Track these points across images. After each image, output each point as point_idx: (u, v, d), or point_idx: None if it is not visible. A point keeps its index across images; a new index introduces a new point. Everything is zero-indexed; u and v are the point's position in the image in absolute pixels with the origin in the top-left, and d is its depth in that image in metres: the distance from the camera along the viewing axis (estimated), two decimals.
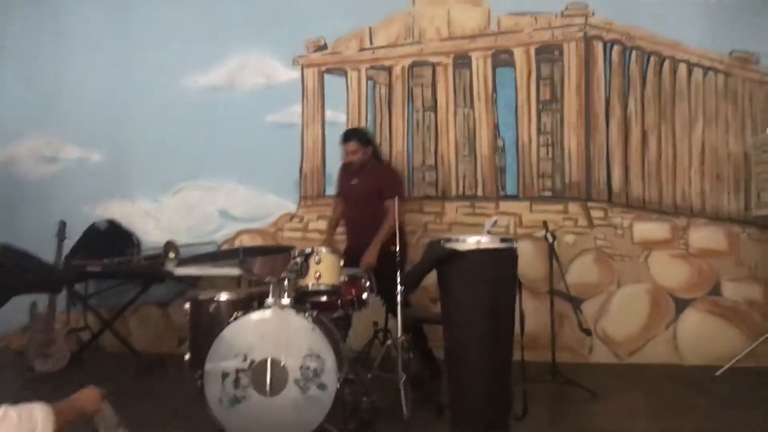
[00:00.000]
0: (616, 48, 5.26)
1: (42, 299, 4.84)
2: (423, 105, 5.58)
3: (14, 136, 6.10)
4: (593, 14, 5.27)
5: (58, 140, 6.02)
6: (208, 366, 2.84)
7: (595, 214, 5.24)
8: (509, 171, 5.41)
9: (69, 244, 5.26)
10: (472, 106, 5.49)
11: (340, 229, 4.79)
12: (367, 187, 4.46)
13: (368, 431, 3.00)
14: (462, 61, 5.50)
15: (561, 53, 5.33)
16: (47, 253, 4.99)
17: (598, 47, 5.28)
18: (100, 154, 5.96)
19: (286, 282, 3.06)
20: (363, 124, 5.60)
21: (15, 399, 1.73)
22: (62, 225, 4.97)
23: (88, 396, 1.91)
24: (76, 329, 5.11)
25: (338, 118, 5.66)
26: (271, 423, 2.79)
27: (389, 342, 3.54)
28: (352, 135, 4.60)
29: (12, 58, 6.16)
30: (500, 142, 5.44)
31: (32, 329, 4.61)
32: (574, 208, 5.27)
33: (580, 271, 5.20)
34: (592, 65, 5.28)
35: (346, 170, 4.70)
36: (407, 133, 5.59)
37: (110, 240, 5.62)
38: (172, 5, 5.88)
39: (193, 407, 3.40)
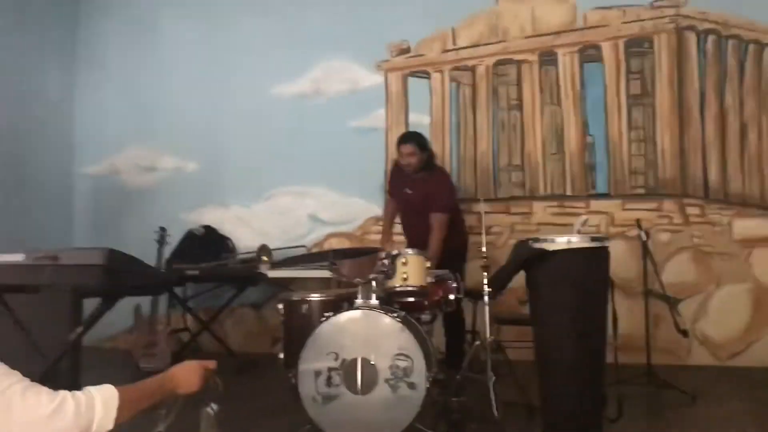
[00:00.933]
0: (711, 38, 5.05)
1: (144, 302, 5.10)
2: (508, 104, 5.54)
3: (116, 148, 6.48)
4: (686, 3, 5.09)
5: (156, 151, 6.35)
6: (302, 365, 2.92)
7: (691, 211, 5.04)
8: (599, 168, 5.29)
9: (168, 249, 5.52)
10: (559, 104, 5.40)
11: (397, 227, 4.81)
12: (419, 197, 4.42)
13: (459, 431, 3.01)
14: (548, 58, 5.43)
15: (651, 46, 5.17)
16: (148, 258, 5.24)
17: (691, 38, 5.09)
18: (195, 163, 6.24)
19: (374, 283, 3.11)
20: (447, 125, 5.61)
21: None
22: (162, 231, 5.22)
23: (185, 373, 1.70)
24: (177, 330, 5.35)
25: (422, 120, 5.70)
26: (363, 421, 2.84)
27: (477, 343, 3.53)
28: (411, 137, 4.53)
29: (113, 76, 6.54)
30: (589, 140, 5.33)
31: (137, 330, 4.87)
32: (668, 205, 5.09)
33: (677, 271, 5.01)
34: (685, 57, 5.10)
35: (400, 174, 4.64)
36: (492, 133, 5.56)
37: (206, 245, 5.85)
38: (257, 19, 6.10)
39: (288, 405, 3.51)
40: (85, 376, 3.35)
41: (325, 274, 5.02)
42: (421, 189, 4.40)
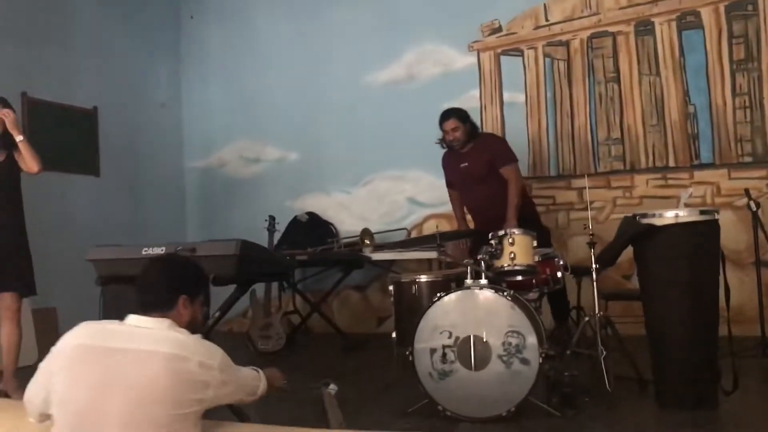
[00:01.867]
0: None
1: (258, 287, 5.40)
2: (605, 76, 5.47)
3: (223, 143, 6.84)
4: None
5: (260, 143, 6.66)
6: (417, 343, 3.06)
7: None
8: (703, 138, 5.16)
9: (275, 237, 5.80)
10: (658, 74, 5.29)
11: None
12: (478, 164, 4.43)
13: (572, 405, 3.08)
14: (644, 27, 5.32)
15: (755, 7, 4.98)
16: None
17: None
18: (296, 153, 6.51)
19: (482, 263, 3.21)
20: (543, 101, 5.61)
21: None
22: (272, 219, 5.49)
23: (274, 375, 2.18)
24: (288, 312, 5.63)
25: (516, 98, 5.72)
26: (478, 395, 2.96)
27: (587, 319, 3.57)
28: (451, 113, 4.55)
29: (216, 75, 6.90)
30: (691, 108, 5.20)
31: (253, 314, 5.17)
32: None
33: None
34: None
35: (450, 159, 4.67)
36: (589, 107, 5.51)
37: (310, 231, 6.12)
38: (348, 9, 6.27)
39: (401, 381, 3.68)
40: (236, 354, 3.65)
41: (428, 255, 5.20)
42: (477, 156, 4.44)
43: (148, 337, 1.80)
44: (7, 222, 3.92)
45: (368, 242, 5.58)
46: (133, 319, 1.88)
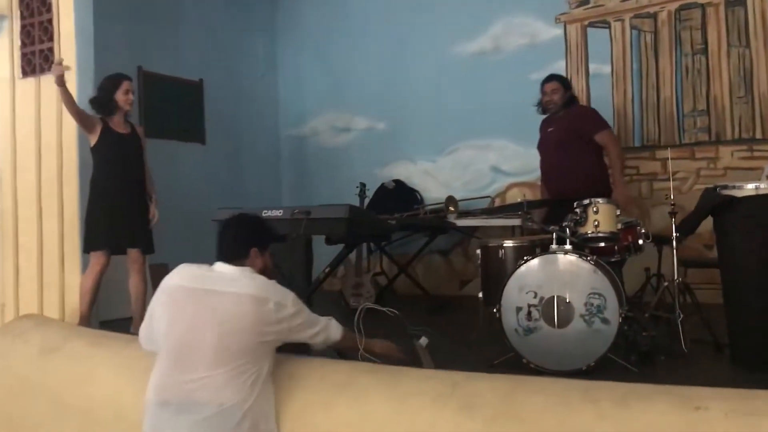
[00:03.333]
0: None
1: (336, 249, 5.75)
2: (692, 48, 5.50)
3: (314, 113, 7.22)
4: None
5: (350, 114, 7.00)
6: (505, 301, 3.34)
7: None
8: None
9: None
10: (747, 45, 5.28)
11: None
12: (562, 130, 4.53)
13: (649, 363, 3.30)
14: None
15: None
16: None
17: None
18: (384, 123, 6.81)
19: (567, 230, 3.44)
20: (628, 73, 5.69)
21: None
22: (362, 186, 5.83)
23: (385, 346, 2.68)
24: (377, 273, 5.99)
25: (602, 69, 5.82)
26: (561, 351, 3.22)
27: (666, 284, 3.76)
28: (555, 76, 4.73)
29: (309, 49, 7.26)
30: None
31: (346, 273, 5.55)
32: None
33: None
34: None
35: (544, 123, 4.81)
36: (676, 79, 5.55)
37: (397, 197, 6.43)
38: None
39: (486, 338, 3.98)
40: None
41: (511, 222, 5.43)
42: (565, 123, 4.55)
43: (235, 282, 2.28)
44: (137, 187, 4.43)
45: (453, 209, 5.83)
46: (219, 265, 2.38)
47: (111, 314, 4.70)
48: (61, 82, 4.01)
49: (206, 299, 2.26)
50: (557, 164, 4.59)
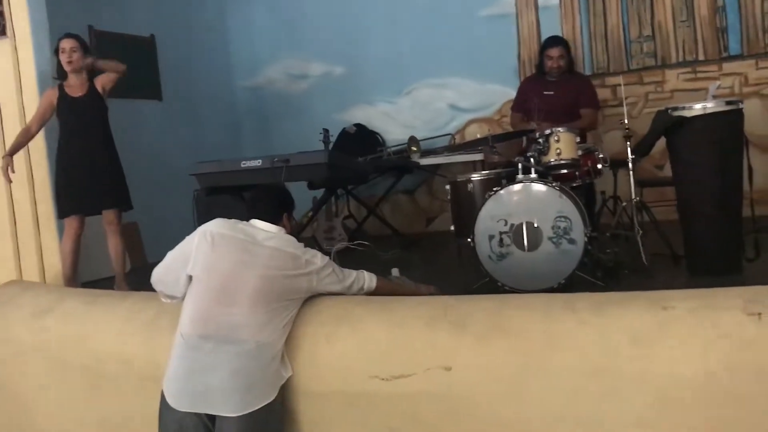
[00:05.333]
0: None
1: (318, 194, 5.89)
2: None
3: (269, 61, 7.20)
4: None
5: (305, 60, 7.01)
6: (477, 231, 3.55)
7: None
8: (731, 30, 5.40)
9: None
10: None
11: None
12: (565, 96, 4.61)
13: (614, 278, 3.57)
14: None
15: None
16: None
17: None
18: (341, 67, 6.85)
19: (531, 160, 3.64)
20: (576, 4, 5.85)
21: None
22: (326, 132, 5.91)
23: (420, 289, 2.98)
24: (346, 217, 6.14)
25: (550, 2, 5.97)
26: (533, 272, 3.45)
27: (624, 204, 4.02)
28: (561, 40, 4.79)
29: None
30: (720, 2, 5.41)
31: (317, 219, 5.69)
32: None
33: None
34: None
35: (533, 83, 4.86)
36: (621, 6, 5.73)
37: (359, 141, 6.53)
38: None
39: (459, 268, 4.20)
40: None
41: (473, 158, 5.61)
42: (566, 88, 4.65)
43: (273, 238, 2.57)
44: (100, 148, 4.41)
45: (415, 149, 5.99)
46: (258, 222, 2.64)
47: (92, 275, 4.77)
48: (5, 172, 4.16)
49: (249, 247, 2.52)
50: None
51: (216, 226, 2.59)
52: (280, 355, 2.43)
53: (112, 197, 4.43)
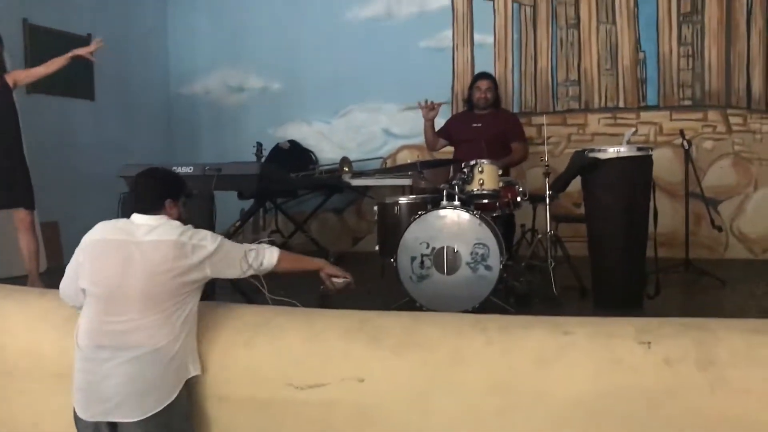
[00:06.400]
0: None
1: (246, 205, 5.90)
2: (566, 23, 6.01)
3: (208, 70, 7.21)
4: None
5: (244, 72, 7.05)
6: (400, 252, 3.68)
7: (734, 120, 5.54)
8: (650, 82, 5.78)
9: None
10: (614, 22, 5.85)
11: None
12: (492, 129, 4.81)
13: (525, 305, 3.75)
14: None
15: None
16: None
17: None
18: (279, 83, 6.93)
19: (456, 187, 3.81)
20: (509, 44, 6.13)
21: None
22: (259, 145, 5.96)
23: (317, 262, 2.89)
24: (273, 231, 6.18)
25: (486, 40, 6.24)
26: (450, 295, 3.60)
27: (539, 236, 4.23)
28: (489, 75, 5.06)
29: (203, 3, 7.18)
30: (641, 55, 5.79)
31: (244, 230, 5.70)
32: (713, 115, 5.59)
33: (719, 175, 5.57)
34: None
35: (462, 117, 5.13)
36: (551, 50, 6.05)
37: (293, 157, 6.60)
38: None
39: (381, 286, 4.31)
40: None
41: (402, 182, 5.77)
42: (493, 122, 4.86)
43: (154, 230, 2.44)
44: (8, 143, 4.31)
45: (347, 169, 6.11)
46: (137, 217, 2.50)
47: (5, 272, 4.65)
48: None
49: (129, 248, 2.41)
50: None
51: (97, 233, 2.50)
52: (182, 353, 2.39)
53: (22, 195, 4.34)
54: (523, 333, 2.41)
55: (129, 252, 2.40)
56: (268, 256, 2.62)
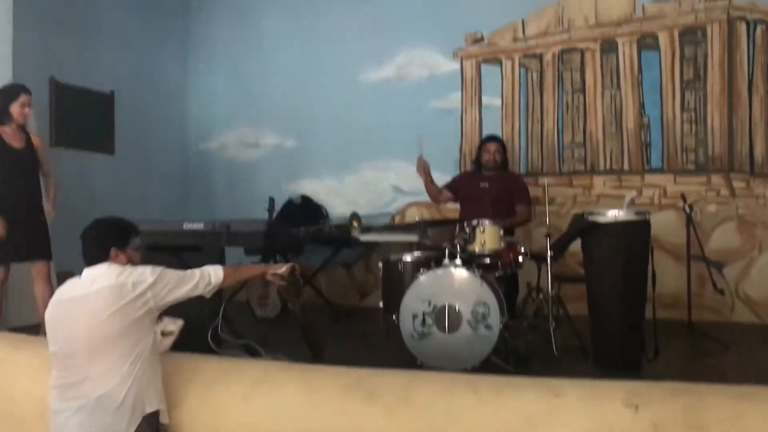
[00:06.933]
0: (759, 27, 5.55)
1: (253, 259, 6.03)
2: (572, 87, 6.17)
3: (225, 127, 7.45)
4: None
5: (259, 129, 7.29)
6: (402, 309, 3.76)
7: (738, 184, 5.61)
8: (654, 146, 5.89)
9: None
10: (618, 87, 6.01)
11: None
12: (499, 191, 4.93)
13: (524, 365, 3.80)
14: (609, 46, 6.02)
15: (704, 35, 5.71)
16: None
17: (742, 27, 5.60)
18: (293, 140, 7.15)
19: (458, 247, 3.90)
20: (517, 107, 6.30)
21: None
22: (271, 200, 6.10)
23: (276, 266, 2.90)
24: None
25: (493, 102, 6.41)
26: (450, 353, 3.66)
27: (541, 296, 4.30)
28: (497, 137, 5.23)
29: (221, 64, 7.49)
30: (645, 120, 5.92)
31: (253, 283, 5.81)
32: (716, 179, 5.67)
33: (723, 238, 5.61)
34: (736, 45, 5.61)
35: (469, 176, 5.26)
36: (557, 114, 6.21)
37: (305, 212, 6.75)
38: (347, 11, 6.89)
39: (384, 342, 4.37)
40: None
41: (410, 238, 5.87)
42: (500, 184, 4.99)
43: (96, 280, 2.50)
44: (35, 200, 4.49)
45: (356, 224, 6.23)
46: (85, 271, 2.58)
47: (20, 321, 4.76)
48: None
49: (74, 305, 2.50)
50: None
51: (55, 296, 2.61)
52: (135, 393, 2.44)
53: (44, 248, 4.50)
54: (515, 394, 2.46)
55: (74, 308, 2.49)
56: (214, 273, 2.68)
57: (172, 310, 2.73)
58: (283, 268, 2.92)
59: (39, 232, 4.49)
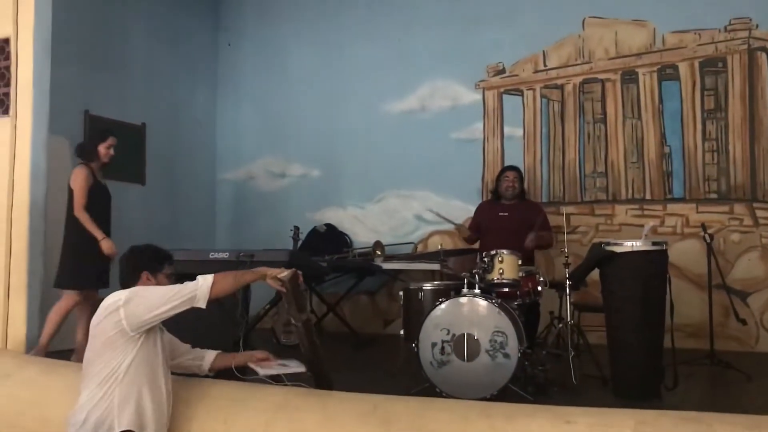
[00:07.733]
0: None
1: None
2: (593, 117, 6.24)
3: (252, 158, 7.64)
4: (757, 27, 5.63)
5: (285, 160, 7.46)
6: (422, 337, 3.82)
7: (761, 213, 5.60)
8: (676, 176, 5.91)
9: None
10: (639, 117, 6.06)
11: None
12: (518, 219, 5.00)
13: (543, 394, 3.82)
14: (629, 76, 6.09)
15: (725, 65, 5.74)
16: None
17: (762, 57, 5.63)
18: (318, 170, 7.30)
19: (476, 276, 3.97)
20: (538, 137, 6.38)
21: None
22: (296, 229, 6.25)
23: (257, 272, 2.86)
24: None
25: (515, 132, 6.50)
26: (469, 382, 3.70)
27: (560, 325, 4.33)
28: (516, 167, 5.31)
29: (248, 97, 7.71)
30: (667, 149, 5.96)
31: (278, 311, 5.91)
32: (739, 208, 5.66)
33: (747, 267, 5.59)
34: (756, 75, 5.64)
35: (489, 206, 5.33)
36: (579, 143, 6.27)
37: (328, 240, 6.87)
38: (372, 45, 7.07)
39: (404, 370, 4.43)
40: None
41: (431, 267, 5.95)
42: (520, 212, 5.06)
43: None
44: (109, 231, 4.78)
45: (379, 253, 6.33)
46: (114, 293, 2.69)
47: (56, 345, 4.92)
48: None
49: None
50: (513, 248, 4.64)
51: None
52: (103, 414, 2.52)
53: (107, 277, 4.70)
54: (527, 421, 2.52)
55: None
56: (203, 282, 2.66)
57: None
58: (284, 273, 2.88)
59: (108, 263, 4.72)
